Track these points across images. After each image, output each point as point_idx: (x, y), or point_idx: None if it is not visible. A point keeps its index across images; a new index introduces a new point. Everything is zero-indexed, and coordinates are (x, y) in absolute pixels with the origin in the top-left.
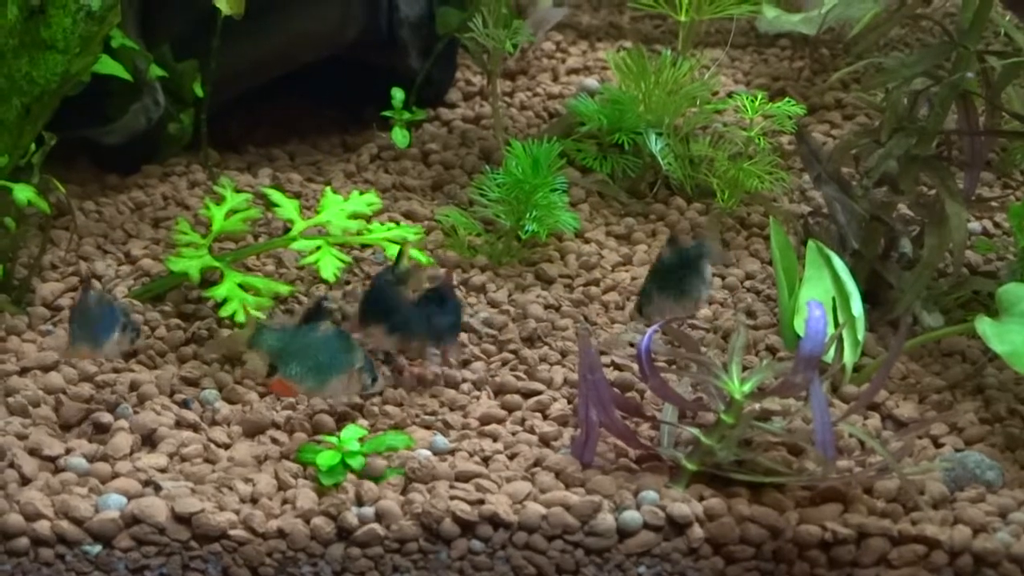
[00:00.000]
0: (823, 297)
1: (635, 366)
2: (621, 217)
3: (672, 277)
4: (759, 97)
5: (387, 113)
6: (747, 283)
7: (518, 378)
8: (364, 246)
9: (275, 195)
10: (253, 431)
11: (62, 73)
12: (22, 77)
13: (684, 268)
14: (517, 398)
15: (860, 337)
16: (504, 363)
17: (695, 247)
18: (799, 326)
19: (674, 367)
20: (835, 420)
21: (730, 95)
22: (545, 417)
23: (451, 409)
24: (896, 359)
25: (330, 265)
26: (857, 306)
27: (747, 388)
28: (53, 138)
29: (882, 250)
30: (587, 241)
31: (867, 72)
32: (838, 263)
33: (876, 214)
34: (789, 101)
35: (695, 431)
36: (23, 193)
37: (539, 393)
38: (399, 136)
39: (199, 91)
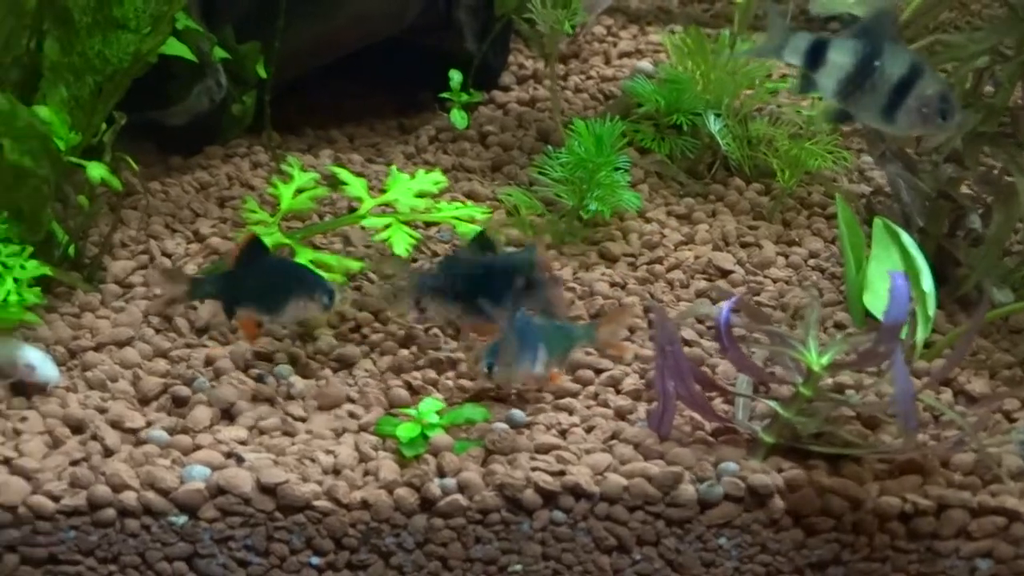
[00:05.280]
0: None
1: (704, 342)
2: (680, 197)
3: None
4: None
5: (445, 95)
6: (811, 262)
7: (588, 353)
8: (428, 225)
9: (343, 174)
10: (329, 405)
11: (133, 52)
12: (95, 55)
13: None
14: (589, 373)
15: (931, 313)
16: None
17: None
18: (869, 302)
19: (749, 340)
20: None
21: (783, 77)
22: (618, 391)
23: (524, 383)
24: (976, 332)
25: (402, 241)
26: (928, 282)
27: (825, 360)
28: (123, 117)
29: (948, 227)
30: (648, 221)
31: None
32: (907, 239)
33: (944, 191)
34: None
35: (773, 403)
36: (96, 171)
37: (610, 368)
38: (458, 118)
39: (262, 72)
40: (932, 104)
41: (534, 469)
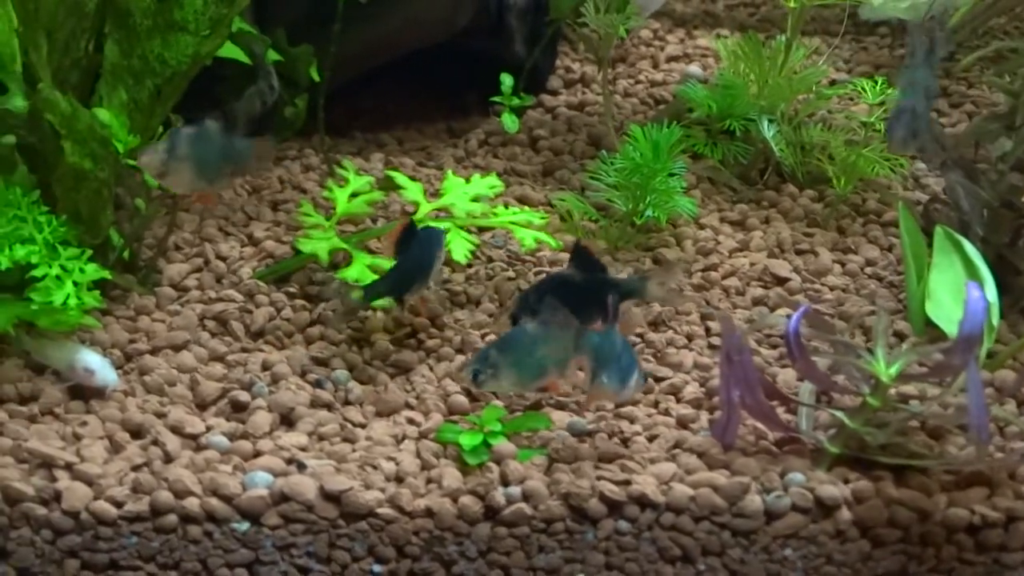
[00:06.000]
0: (954, 283)
1: (764, 351)
2: (733, 204)
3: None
4: (880, 82)
5: (496, 99)
6: (868, 270)
7: (647, 361)
8: (482, 229)
9: (400, 178)
10: (387, 411)
11: (192, 55)
12: (155, 58)
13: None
14: (649, 381)
15: (995, 323)
16: (632, 346)
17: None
18: (931, 311)
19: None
20: None
21: (832, 83)
22: (678, 400)
23: (584, 391)
24: None
25: (460, 247)
26: (992, 292)
27: (894, 371)
28: (180, 120)
29: (1010, 237)
30: (701, 227)
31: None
32: (969, 248)
33: (1006, 200)
34: None
35: (838, 414)
36: None
37: (669, 376)
38: (509, 121)
39: (315, 75)
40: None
41: (599, 478)
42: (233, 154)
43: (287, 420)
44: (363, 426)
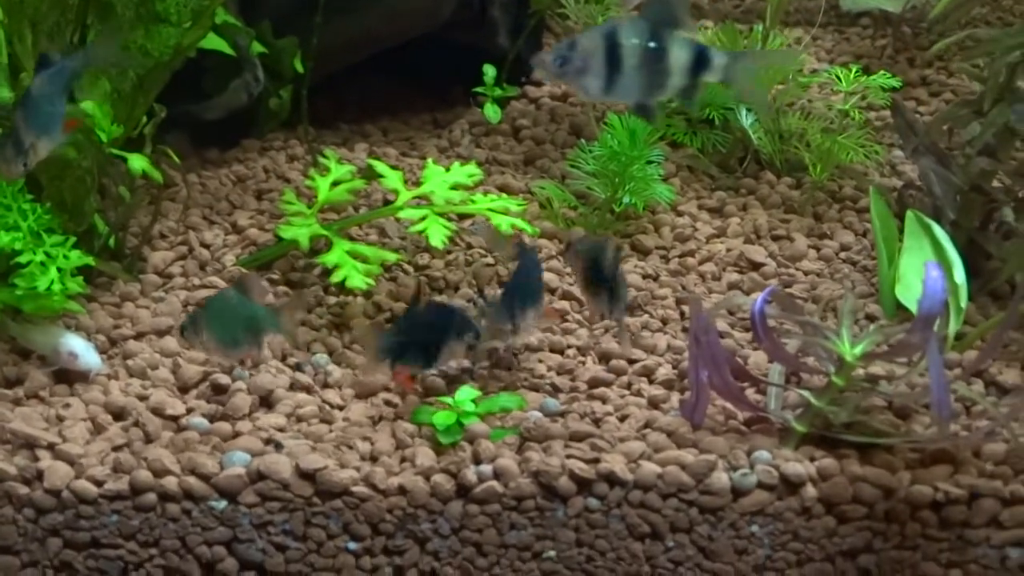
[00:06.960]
0: (923, 265)
1: (736, 333)
2: (712, 191)
3: None
4: (854, 70)
5: (479, 90)
6: (842, 254)
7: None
8: (462, 217)
9: (380, 166)
10: (365, 393)
11: (174, 46)
12: (137, 49)
13: None
14: (622, 363)
15: (963, 305)
16: (607, 330)
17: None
18: (901, 294)
19: (782, 331)
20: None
21: (813, 72)
22: (651, 381)
23: (558, 373)
24: (1011, 325)
25: (438, 233)
26: (960, 274)
27: (859, 351)
28: (163, 110)
29: (980, 221)
30: (680, 214)
31: (948, 47)
32: (939, 232)
33: (976, 184)
34: (884, 74)
35: (805, 393)
36: (138, 163)
37: (643, 359)
38: (491, 112)
39: (299, 67)
40: None
41: (569, 457)
42: (55, 83)
43: (266, 402)
44: (341, 408)
